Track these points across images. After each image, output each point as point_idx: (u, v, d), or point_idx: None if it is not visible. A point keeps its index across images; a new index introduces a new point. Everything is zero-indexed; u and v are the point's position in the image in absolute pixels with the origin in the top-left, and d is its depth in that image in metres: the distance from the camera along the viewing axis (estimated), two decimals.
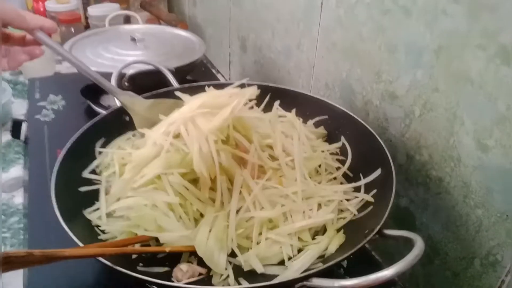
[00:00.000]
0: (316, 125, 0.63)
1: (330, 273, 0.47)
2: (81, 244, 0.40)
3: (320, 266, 0.41)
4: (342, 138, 0.60)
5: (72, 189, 0.51)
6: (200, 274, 0.44)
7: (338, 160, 0.58)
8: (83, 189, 0.51)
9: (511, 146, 0.40)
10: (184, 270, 0.43)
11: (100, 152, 0.57)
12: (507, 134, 0.40)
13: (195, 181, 0.48)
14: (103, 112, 0.61)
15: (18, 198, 0.69)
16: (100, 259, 0.39)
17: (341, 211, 0.51)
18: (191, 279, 0.43)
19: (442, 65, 0.46)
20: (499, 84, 0.40)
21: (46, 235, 0.54)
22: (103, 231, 0.47)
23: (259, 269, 0.44)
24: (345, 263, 0.51)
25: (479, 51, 0.41)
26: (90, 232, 0.47)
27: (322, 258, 0.45)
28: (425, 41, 0.47)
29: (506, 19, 0.38)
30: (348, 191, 0.53)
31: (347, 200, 0.52)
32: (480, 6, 0.40)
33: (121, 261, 0.40)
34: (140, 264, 0.45)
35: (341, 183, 0.55)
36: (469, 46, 0.42)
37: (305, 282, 0.38)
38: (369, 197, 0.50)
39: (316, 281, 0.38)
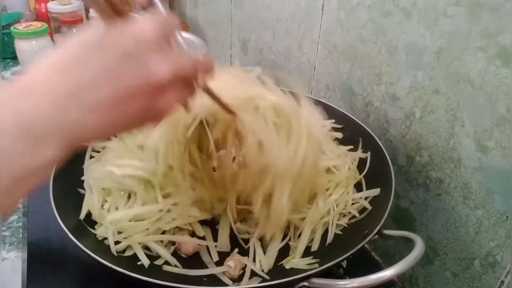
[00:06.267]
0: None
1: (329, 273, 0.47)
2: (78, 243, 0.40)
3: (318, 267, 0.41)
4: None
5: (72, 187, 0.51)
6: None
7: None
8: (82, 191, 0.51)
9: (511, 148, 0.40)
10: (232, 266, 0.44)
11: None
12: (507, 135, 0.40)
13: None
14: None
15: None
16: (100, 260, 0.39)
17: (343, 215, 0.51)
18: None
19: (442, 67, 0.46)
20: (499, 85, 0.40)
21: (45, 234, 0.54)
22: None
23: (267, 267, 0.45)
24: (344, 263, 0.51)
25: (479, 52, 0.41)
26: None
27: (320, 258, 0.45)
28: (425, 42, 0.47)
29: (506, 20, 0.38)
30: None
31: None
32: (480, 7, 0.41)
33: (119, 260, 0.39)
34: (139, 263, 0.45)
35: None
36: (469, 48, 0.42)
37: (305, 283, 0.38)
38: (366, 203, 0.50)
39: (316, 281, 0.38)
